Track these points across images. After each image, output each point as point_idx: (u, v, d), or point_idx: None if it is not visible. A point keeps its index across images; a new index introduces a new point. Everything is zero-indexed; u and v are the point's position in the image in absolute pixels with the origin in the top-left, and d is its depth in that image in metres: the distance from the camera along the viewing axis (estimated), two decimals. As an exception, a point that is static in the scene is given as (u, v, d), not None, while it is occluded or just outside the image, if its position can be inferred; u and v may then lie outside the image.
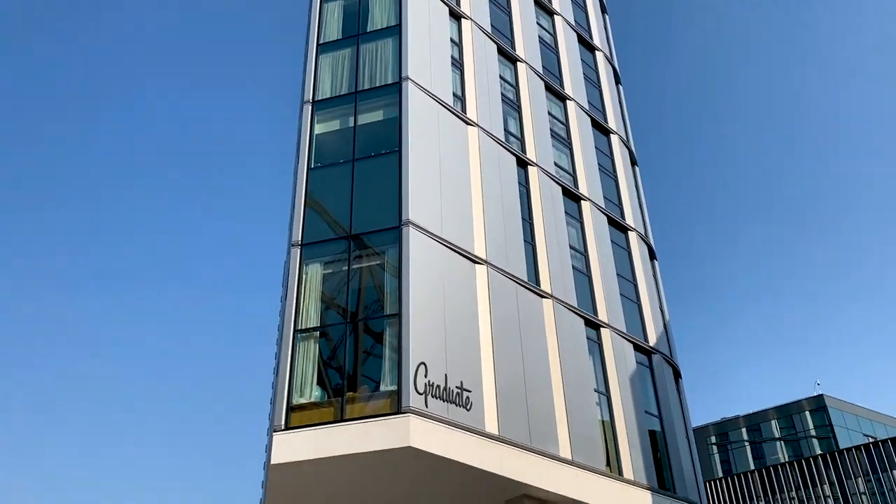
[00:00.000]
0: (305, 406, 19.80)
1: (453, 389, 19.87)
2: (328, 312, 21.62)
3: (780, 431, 52.74)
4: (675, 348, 31.31)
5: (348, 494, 20.98)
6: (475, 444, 19.67)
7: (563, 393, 23.40)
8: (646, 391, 27.59)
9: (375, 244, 22.03)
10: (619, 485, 23.43)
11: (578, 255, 28.04)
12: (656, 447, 26.73)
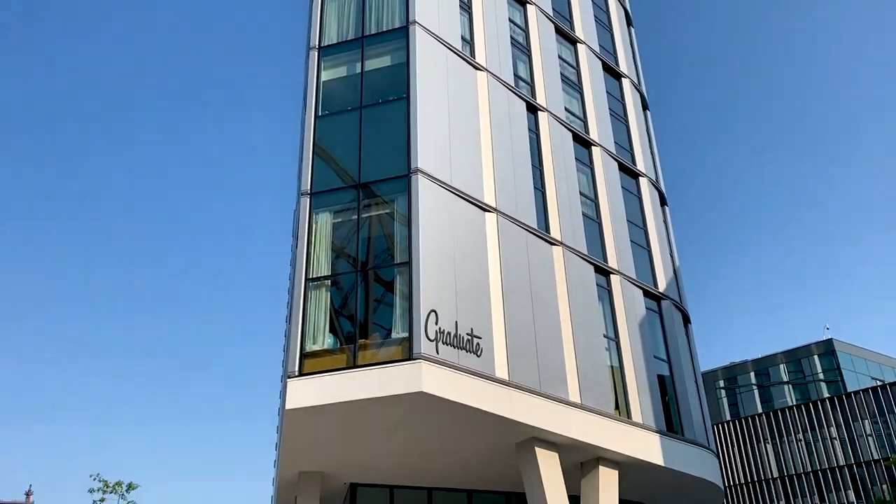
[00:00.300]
0: (318, 353, 20.07)
1: (464, 336, 20.05)
2: (339, 261, 21.71)
3: (788, 375, 53.14)
4: (684, 294, 31.38)
5: (361, 438, 21.41)
6: (485, 389, 19.94)
7: (573, 339, 23.59)
8: (655, 336, 27.77)
9: (384, 193, 21.97)
10: (628, 427, 23.79)
11: (589, 202, 27.90)
12: (665, 391, 27.04)
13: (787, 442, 48.36)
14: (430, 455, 22.93)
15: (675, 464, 24.51)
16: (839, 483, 45.90)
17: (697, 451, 26.42)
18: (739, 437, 50.07)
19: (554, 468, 21.85)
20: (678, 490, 27.05)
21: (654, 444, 24.24)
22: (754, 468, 48.64)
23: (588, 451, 22.74)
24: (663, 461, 24.05)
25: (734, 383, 54.81)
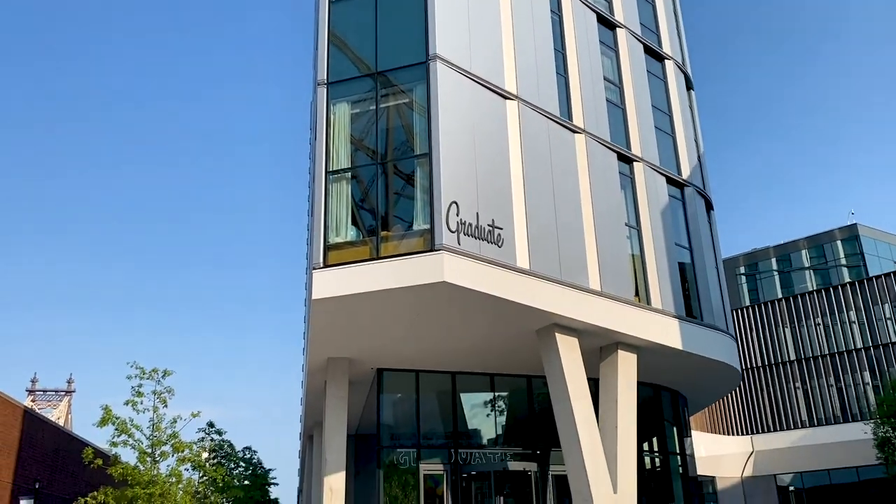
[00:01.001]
0: (341, 245, 20.33)
1: (485, 227, 20.13)
2: (358, 154, 21.60)
3: (809, 261, 53.13)
4: (708, 180, 31.01)
5: (386, 326, 22.01)
6: (506, 278, 20.22)
7: (594, 228, 23.60)
8: (677, 224, 27.70)
9: (402, 81, 21.53)
10: (647, 313, 24.17)
11: (613, 88, 27.17)
12: (685, 278, 27.24)
13: (806, 326, 48.94)
14: (453, 341, 23.58)
15: (694, 348, 25.03)
16: (855, 365, 46.73)
17: (716, 336, 26.89)
18: (758, 321, 50.72)
19: (574, 353, 22.43)
20: (696, 373, 27.76)
21: (673, 328, 24.67)
22: (771, 352, 49.52)
23: (607, 336, 23.23)
24: (682, 345, 24.55)
25: (755, 269, 54.97)
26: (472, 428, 27.43)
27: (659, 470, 29.06)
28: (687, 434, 31.22)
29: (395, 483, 24.61)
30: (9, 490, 41.40)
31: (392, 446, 25.62)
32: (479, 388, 27.64)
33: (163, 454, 15.97)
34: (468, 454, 26.39)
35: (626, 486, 22.22)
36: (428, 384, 26.74)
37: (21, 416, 44.04)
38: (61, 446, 51.15)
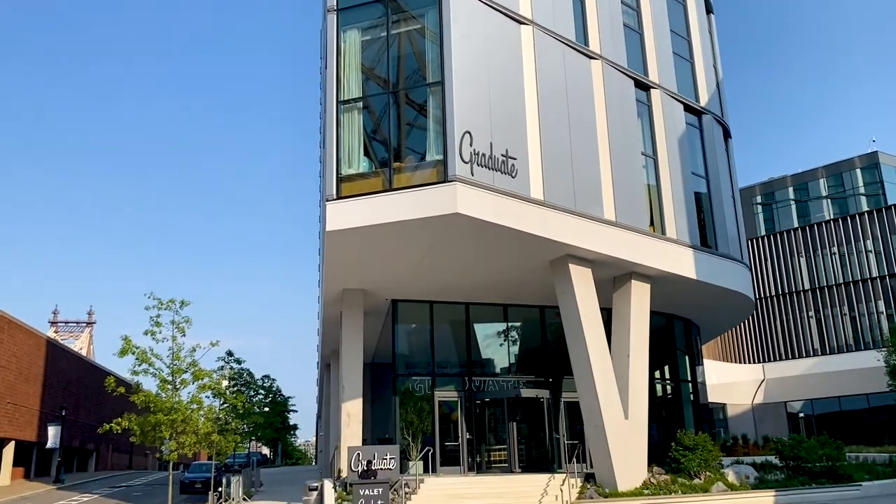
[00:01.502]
0: (354, 177, 20.22)
1: (499, 157, 19.90)
2: (369, 83, 21.22)
3: (827, 190, 52.42)
4: (726, 108, 30.35)
5: (400, 258, 22.08)
6: (520, 209, 20.10)
7: (610, 157, 23.30)
8: (694, 153, 27.28)
9: (413, 7, 20.96)
10: (662, 243, 24.07)
11: (630, 12, 26.35)
12: (701, 207, 27.00)
13: (822, 255, 48.68)
14: (466, 272, 23.66)
15: (708, 277, 25.00)
16: (870, 294, 46.62)
17: (730, 265, 26.82)
18: (773, 251, 50.49)
19: (587, 283, 22.48)
20: (709, 302, 27.80)
21: (688, 258, 24.60)
22: (786, 281, 49.44)
23: (621, 266, 23.22)
24: (695, 275, 24.53)
25: (771, 199, 54.38)
26: (485, 357, 27.82)
27: (670, 397, 29.49)
28: (699, 362, 31.53)
29: (411, 409, 25.15)
30: (37, 417, 42.79)
31: (407, 374, 26.09)
32: (493, 318, 27.90)
33: (183, 382, 16.33)
34: (482, 382, 26.84)
35: (637, 413, 22.60)
36: (442, 314, 27.01)
37: (45, 347, 45.14)
38: (85, 375, 52.57)
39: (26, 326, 42.35)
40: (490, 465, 25.89)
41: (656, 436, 25.76)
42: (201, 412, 17.10)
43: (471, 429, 25.73)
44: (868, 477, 25.37)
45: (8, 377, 38.92)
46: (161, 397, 16.05)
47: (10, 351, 39.26)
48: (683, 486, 22.05)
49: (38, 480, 41.58)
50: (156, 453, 14.19)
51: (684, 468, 22.91)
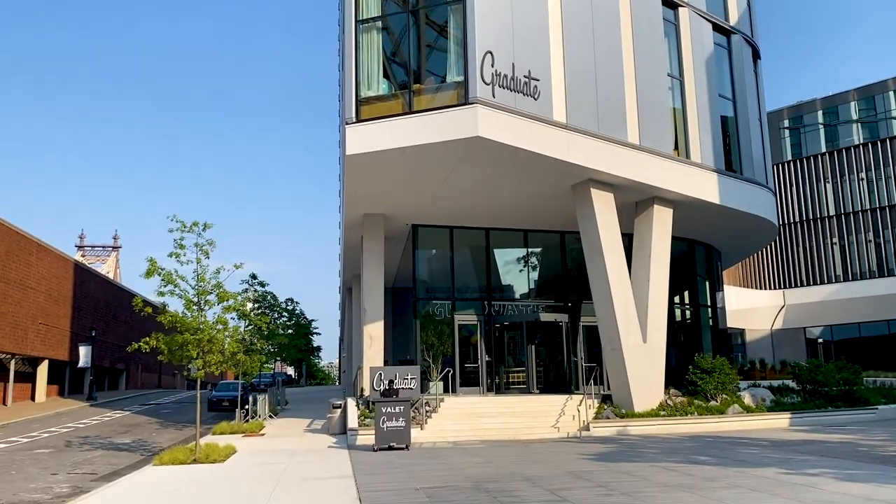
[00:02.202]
0: (373, 99, 19.96)
1: (521, 79, 19.50)
2: (388, 3, 20.69)
3: (858, 114, 50.96)
4: (756, 27, 29.31)
5: (420, 183, 21.97)
6: (542, 132, 19.80)
7: (635, 79, 22.73)
8: (721, 74, 26.52)
9: (434, -79, 20.20)
10: (686, 167, 23.72)
11: (659, -76, 25.19)
12: (727, 131, 26.45)
13: (849, 181, 47.76)
14: (486, 198, 23.54)
15: (731, 202, 24.70)
16: (896, 220, 45.92)
17: (755, 190, 26.44)
18: (799, 176, 49.61)
19: (609, 208, 22.32)
20: (732, 228, 27.55)
21: (712, 182, 24.27)
22: (810, 207, 48.75)
23: (644, 190, 22.97)
24: (719, 199, 24.24)
25: (799, 123, 53.01)
26: (505, 282, 27.99)
27: (689, 322, 29.63)
28: (719, 288, 31.52)
29: (431, 332, 25.52)
30: (68, 337, 44.08)
31: (428, 298, 26.37)
32: (513, 243, 27.92)
33: (208, 303, 16.56)
34: (501, 306, 27.10)
35: (656, 336, 22.77)
36: (462, 240, 27.07)
37: (73, 270, 46.08)
38: (112, 298, 53.77)
39: (55, 250, 43.16)
40: (508, 387, 26.41)
41: (674, 360, 26.03)
42: (227, 333, 17.42)
43: (490, 351, 26.15)
44: (884, 401, 25.62)
45: (38, 299, 39.94)
46: (187, 318, 16.36)
47: (39, 273, 40.14)
48: (699, 408, 22.39)
49: (72, 398, 43.17)
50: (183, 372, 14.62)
51: (701, 391, 23.22)
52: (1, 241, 35.75)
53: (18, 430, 26.05)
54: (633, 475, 12.16)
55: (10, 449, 20.51)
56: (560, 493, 10.43)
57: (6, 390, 37.37)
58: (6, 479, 14.97)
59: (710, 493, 10.09)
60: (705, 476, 11.82)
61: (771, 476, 11.63)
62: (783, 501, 9.32)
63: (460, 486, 11.36)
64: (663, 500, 9.60)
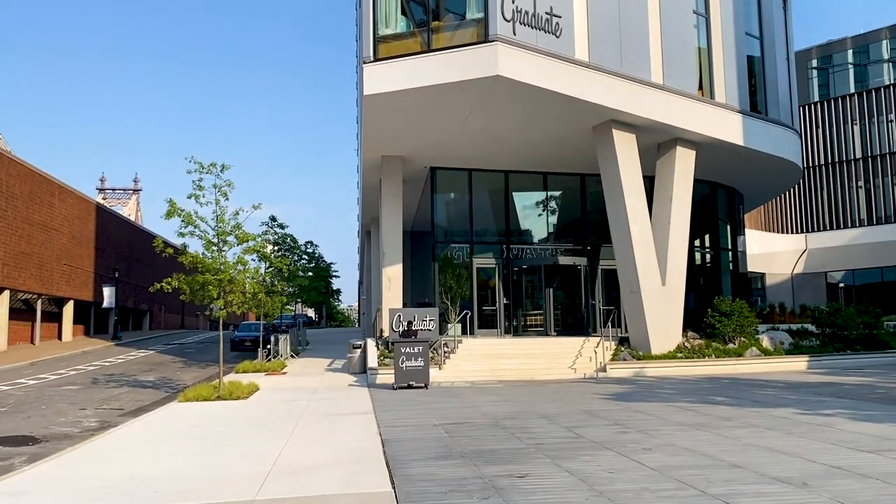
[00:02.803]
0: (391, 38, 19.61)
1: (542, 15, 19.04)
2: (406, -63, 20.15)
3: (890, 53, 49.37)
4: (788, -39, 28.27)
5: (438, 123, 21.73)
6: (564, 71, 19.42)
7: (659, 16, 22.13)
8: (749, 12, 25.70)
9: None
10: (710, 108, 23.24)
11: None
12: (753, 71, 25.78)
13: (877, 123, 46.58)
14: (506, 139, 23.28)
15: (755, 143, 24.25)
16: (925, 163, 44.93)
17: (780, 132, 25.91)
18: (826, 118, 48.45)
19: (630, 149, 22.01)
20: (755, 170, 27.12)
21: (736, 124, 23.79)
22: (836, 149, 47.73)
23: (666, 131, 22.59)
24: (743, 141, 23.80)
25: (828, 63, 51.51)
26: (523, 226, 27.89)
27: (709, 265, 29.47)
28: (740, 232, 31.23)
29: (450, 275, 25.63)
30: (92, 278, 44.81)
31: (446, 242, 26.40)
32: (532, 186, 27.71)
33: (228, 244, 16.68)
34: (520, 250, 27.08)
35: (675, 279, 22.69)
36: (481, 183, 26.90)
37: (94, 212, 46.54)
38: (134, 239, 54.39)
39: (77, 192, 43.53)
40: (526, 329, 26.59)
41: (693, 303, 25.99)
42: (247, 274, 17.59)
43: (508, 295, 26.24)
44: (904, 345, 25.51)
45: (62, 240, 40.48)
46: (207, 258, 16.50)
47: (62, 215, 40.60)
48: (717, 351, 22.45)
49: (98, 338, 44.14)
50: (206, 312, 14.84)
51: (719, 333, 23.24)
52: (24, 183, 36.08)
53: (47, 367, 26.75)
54: (649, 414, 12.28)
55: (40, 385, 21.10)
56: (576, 431, 10.57)
57: (34, 329, 38.26)
58: (37, 413, 15.44)
59: (726, 432, 10.17)
60: (721, 415, 11.91)
61: (787, 416, 11.70)
62: (798, 440, 9.39)
63: (478, 423, 11.54)
64: (679, 438, 9.70)
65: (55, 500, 7.11)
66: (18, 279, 35.34)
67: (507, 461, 8.34)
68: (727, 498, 6.41)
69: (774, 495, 6.50)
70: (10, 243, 34.49)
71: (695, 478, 7.25)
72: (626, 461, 8.21)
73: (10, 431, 13.01)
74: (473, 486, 7.11)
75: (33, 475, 8.51)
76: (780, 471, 7.50)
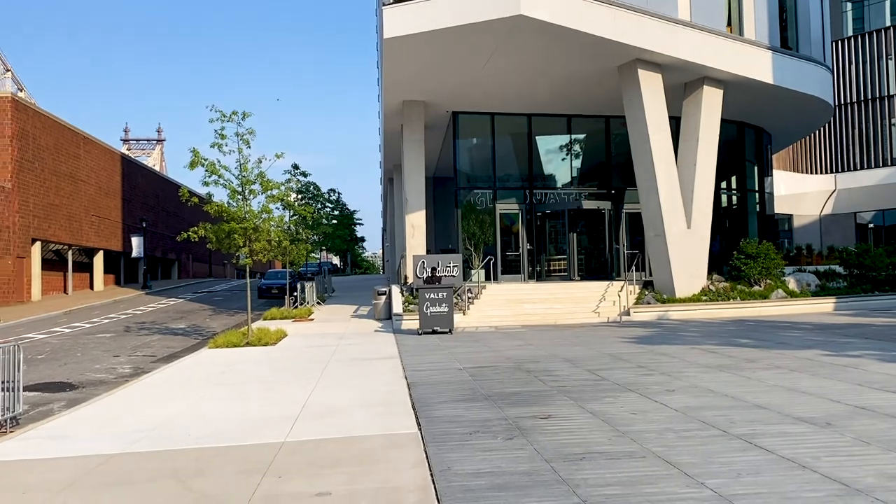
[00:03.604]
0: (410, -21, 19.18)
1: (564, -48, 18.45)
2: None
3: (929, -17, 47.34)
4: None
5: (460, 67, 21.40)
6: (588, 9, 18.95)
7: (686, -51, 21.38)
8: (781, -58, 24.74)
9: None
10: (739, 45, 22.59)
11: None
12: (783, 6, 24.94)
13: (913, 57, 45.07)
14: (529, 82, 22.90)
15: (786, 81, 23.61)
16: (962, 99, 43.52)
17: (811, 69, 25.18)
18: (859, 52, 46.89)
19: (656, 89, 21.56)
20: (785, 109, 26.48)
21: (766, 61, 23.14)
22: (870, 86, 46.32)
23: (694, 70, 22.06)
24: (773, 79, 23.17)
25: (863, 2, 49.66)
26: (547, 170, 27.64)
27: (735, 208, 29.11)
28: (768, 173, 30.70)
29: (473, 221, 25.60)
30: (120, 228, 45.45)
31: (468, 188, 26.29)
32: (555, 130, 27.36)
33: (252, 192, 16.77)
34: (543, 195, 26.91)
35: (700, 222, 22.45)
36: (503, 127, 26.60)
37: (120, 162, 46.90)
38: (160, 189, 54.86)
39: (102, 143, 43.81)
40: (549, 274, 26.61)
41: (718, 245, 25.78)
42: (272, 222, 17.72)
43: (531, 240, 26.20)
44: (934, 286, 25.17)
45: (89, 191, 40.97)
46: (231, 207, 16.63)
47: (88, 166, 40.98)
48: (742, 293, 22.34)
49: (128, 287, 44.98)
50: (232, 261, 15.14)
51: (745, 276, 23.08)
52: (49, 135, 36.37)
53: (80, 316, 27.40)
54: (673, 356, 12.33)
55: (75, 334, 21.66)
56: (600, 373, 10.66)
57: (66, 279, 39.08)
58: (73, 360, 15.89)
59: (750, 374, 10.20)
60: (745, 357, 11.92)
61: (812, 357, 11.68)
62: (823, 381, 9.39)
63: (502, 366, 11.68)
64: (703, 380, 9.75)
65: (93, 444, 7.37)
66: (49, 230, 35.96)
67: (530, 403, 8.46)
68: (750, 438, 6.46)
69: (798, 435, 6.54)
70: (39, 195, 34.98)
71: (718, 418, 7.31)
72: (649, 402, 8.29)
73: (49, 378, 13.43)
74: (497, 427, 7.24)
75: (72, 419, 8.81)
76: (805, 411, 7.53)
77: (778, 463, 5.65)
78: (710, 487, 5.07)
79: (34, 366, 14.90)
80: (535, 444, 6.46)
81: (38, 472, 6.38)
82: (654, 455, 5.99)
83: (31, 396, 11.39)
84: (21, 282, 33.42)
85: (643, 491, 5.04)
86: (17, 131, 33.18)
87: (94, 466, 6.40)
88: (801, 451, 5.98)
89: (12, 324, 24.94)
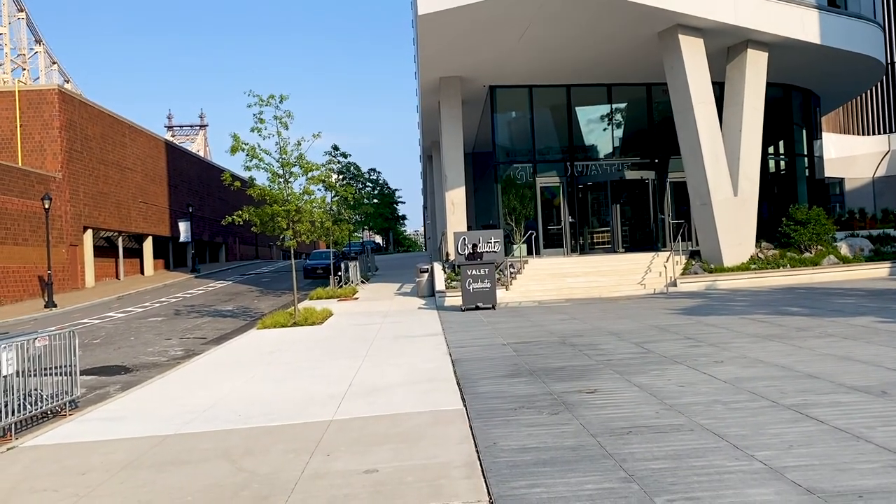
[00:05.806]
0: (443, -47, 18.97)
1: (600, -84, 18.01)
2: None
3: None
4: None
5: (496, 41, 21.16)
6: (625, -25, 18.49)
7: None
8: None
9: None
10: (783, 5, 21.78)
11: None
12: (831, -39, 23.99)
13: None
14: (566, 53, 22.54)
15: (833, 41, 22.76)
16: None
17: (860, 26, 24.23)
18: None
19: (698, 55, 21.02)
20: (833, 69, 25.56)
21: (812, 20, 22.33)
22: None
23: (736, 34, 21.42)
24: (820, 39, 22.37)
25: (917, -54, 47.38)
26: (587, 142, 27.27)
27: (784, 173, 28.35)
28: (817, 136, 29.79)
29: (513, 196, 25.41)
30: (167, 214, 46.42)
31: (508, 162, 26.10)
32: (595, 100, 26.93)
33: (293, 174, 16.94)
34: (584, 166, 26.58)
35: (748, 189, 21.92)
36: (542, 99, 26.28)
37: (164, 149, 47.78)
38: (205, 175, 55.78)
39: (147, 131, 44.67)
40: (593, 247, 26.34)
41: (766, 212, 25.16)
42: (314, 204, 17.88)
43: (573, 213, 25.95)
44: None
45: (136, 178, 41.89)
46: (273, 190, 16.83)
47: (135, 154, 41.87)
48: (792, 260, 21.82)
49: (177, 271, 46.02)
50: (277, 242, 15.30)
51: (794, 242, 22.53)
52: (95, 124, 37.19)
53: (132, 301, 28.15)
54: (721, 327, 12.13)
55: (128, 318, 22.27)
56: (646, 346, 10.55)
57: (118, 265, 40.16)
58: (127, 344, 16.35)
59: (801, 343, 9.98)
60: (796, 326, 11.67)
61: (866, 324, 11.37)
62: (878, 349, 9.14)
63: (546, 341, 11.65)
64: (752, 350, 9.57)
65: (148, 425, 7.59)
66: (99, 218, 36.90)
67: (575, 378, 8.42)
68: (801, 408, 6.34)
69: (851, 405, 6.39)
70: (88, 184, 35.88)
71: (768, 389, 7.18)
72: (697, 374, 8.18)
73: (104, 362, 13.85)
74: (542, 402, 7.23)
75: (127, 402, 9.08)
76: (858, 380, 7.35)
77: (830, 434, 5.53)
78: (759, 460, 4.99)
79: (90, 350, 15.38)
80: (580, 419, 6.44)
81: (97, 453, 6.60)
82: (702, 428, 5.92)
83: (88, 380, 11.76)
84: (75, 269, 34.43)
85: (691, 464, 4.99)
86: (65, 122, 33.99)
87: (150, 448, 6.60)
88: (854, 421, 5.84)
89: (68, 309, 25.76)
